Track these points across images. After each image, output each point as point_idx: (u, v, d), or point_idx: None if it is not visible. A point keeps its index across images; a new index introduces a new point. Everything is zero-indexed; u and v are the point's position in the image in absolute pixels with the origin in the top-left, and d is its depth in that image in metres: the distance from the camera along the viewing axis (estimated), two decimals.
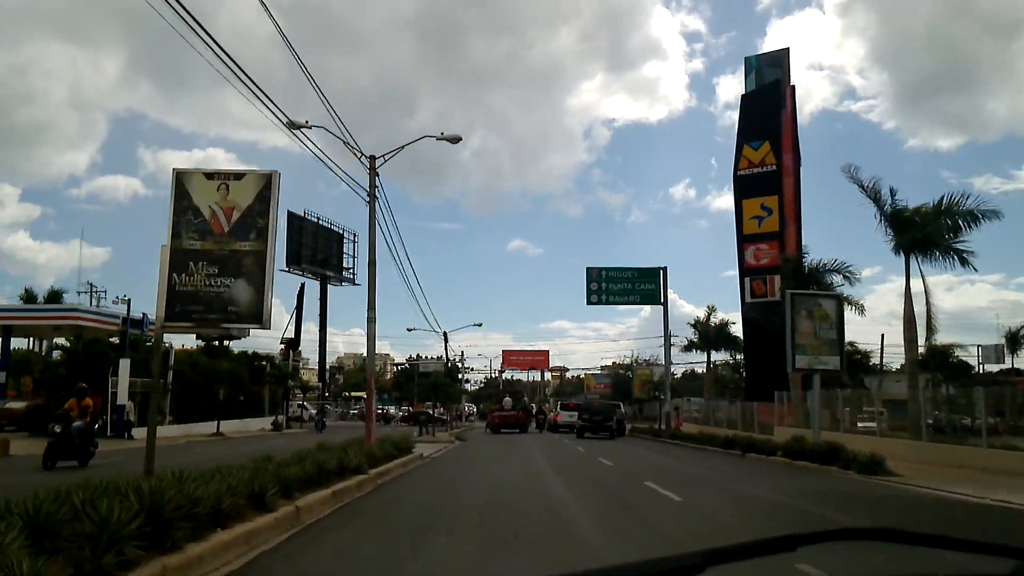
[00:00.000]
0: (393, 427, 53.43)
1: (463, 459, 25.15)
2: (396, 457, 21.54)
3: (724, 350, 51.22)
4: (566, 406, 48.92)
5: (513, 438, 40.19)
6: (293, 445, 17.39)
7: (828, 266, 33.59)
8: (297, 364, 61.26)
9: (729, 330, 50.32)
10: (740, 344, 50.35)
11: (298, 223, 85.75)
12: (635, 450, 30.48)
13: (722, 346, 50.52)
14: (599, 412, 41.09)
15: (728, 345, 50.72)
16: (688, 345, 54.37)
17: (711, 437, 33.78)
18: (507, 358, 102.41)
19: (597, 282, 41.67)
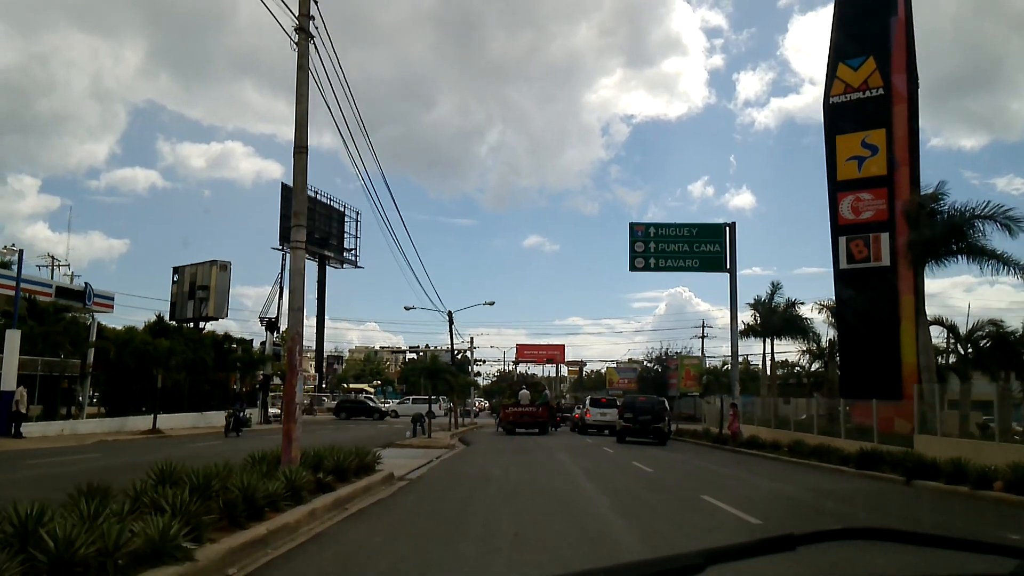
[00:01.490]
0: (389, 425, 43.28)
1: (459, 483, 15.02)
2: (334, 487, 11.46)
3: (789, 337, 40.64)
4: (597, 402, 38.73)
5: (531, 442, 30.11)
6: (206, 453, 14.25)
7: (978, 211, 23.05)
8: (279, 349, 51.18)
9: (797, 311, 39.81)
10: (808, 330, 39.86)
11: (292, 196, 75.87)
12: (723, 469, 19.99)
13: (787, 332, 39.97)
14: (646, 411, 31.09)
15: (794, 331, 40.18)
16: (744, 331, 43.77)
17: (796, 446, 23.79)
18: (521, 352, 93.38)
19: (644, 242, 31.44)
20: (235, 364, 40.43)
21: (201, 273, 54.28)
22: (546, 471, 16.97)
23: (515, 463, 19.12)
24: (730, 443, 29.62)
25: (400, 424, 41.37)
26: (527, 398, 37.35)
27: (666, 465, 19.85)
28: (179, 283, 55.55)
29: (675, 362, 74.75)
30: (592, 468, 18.02)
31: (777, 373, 46.28)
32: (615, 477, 16.50)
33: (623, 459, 21.58)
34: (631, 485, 15.01)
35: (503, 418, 37.88)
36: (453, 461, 20.67)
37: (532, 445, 28.09)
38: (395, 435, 33.11)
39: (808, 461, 21.88)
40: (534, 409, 36.90)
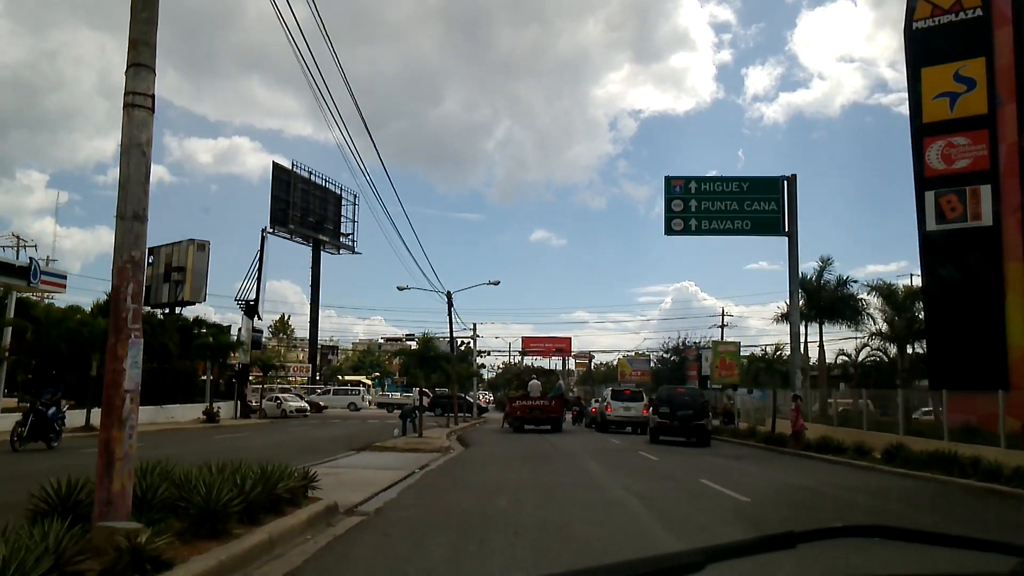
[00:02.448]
0: (381, 421, 37.27)
1: (440, 528, 8.62)
2: (173, 562, 5.12)
3: (840, 321, 34.43)
4: (620, 394, 32.54)
5: (545, 443, 24.15)
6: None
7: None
8: (259, 337, 45.21)
9: (850, 290, 33.65)
10: (861, 312, 33.67)
11: (285, 177, 69.67)
12: (847, 491, 13.72)
13: (838, 316, 33.79)
14: (686, 405, 25.15)
15: (845, 314, 33.99)
16: (783, 315, 37.59)
17: (896, 451, 17.79)
18: (527, 344, 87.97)
19: (683, 199, 25.29)
20: (203, 351, 34.43)
21: (177, 254, 48.26)
22: (582, 501, 10.73)
23: (530, 483, 12.97)
24: (790, 444, 23.50)
25: (392, 420, 35.15)
26: (538, 389, 31.27)
27: (759, 485, 13.60)
28: (154, 265, 49.46)
29: (694, 352, 68.55)
30: (651, 494, 11.69)
31: (812, 364, 40.06)
32: (703, 517, 10.20)
33: (684, 474, 15.17)
34: (717, 518, 8.94)
35: (509, 413, 31.82)
36: (441, 476, 14.56)
37: (548, 448, 22.00)
38: (380, 434, 27.11)
39: (929, 474, 15.75)
40: (546, 402, 30.82)
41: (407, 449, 20.47)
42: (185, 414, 35.24)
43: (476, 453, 20.58)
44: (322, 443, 22.61)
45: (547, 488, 12.20)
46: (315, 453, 18.77)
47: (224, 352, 34.96)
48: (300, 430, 30.07)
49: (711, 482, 13.14)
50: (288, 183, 68.39)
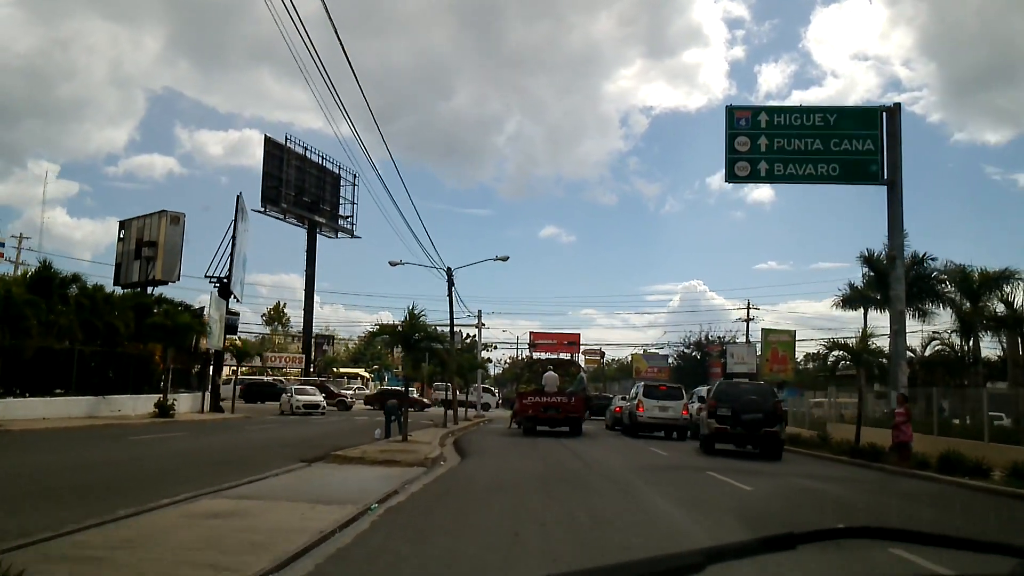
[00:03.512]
0: (370, 419, 31.13)
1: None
2: None
3: (918, 306, 28.00)
4: (654, 391, 26.18)
5: (567, 452, 18.28)
6: None
7: None
8: (234, 320, 39.09)
9: (929, 269, 27.23)
10: (943, 296, 27.29)
11: (277, 152, 63.36)
12: None
13: (918, 301, 27.37)
14: (754, 406, 19.05)
15: (923, 297, 27.59)
16: (847, 298, 31.43)
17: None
18: (536, 339, 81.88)
19: (750, 136, 19.11)
20: (155, 332, 28.36)
21: (149, 227, 42.10)
22: None
23: (572, 547, 6.68)
24: (891, 460, 17.25)
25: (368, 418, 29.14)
26: (554, 383, 25.04)
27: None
28: (124, 240, 43.41)
29: (717, 347, 62.26)
30: None
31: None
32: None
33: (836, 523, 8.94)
34: None
35: (519, 411, 25.59)
36: (411, 524, 8.32)
37: (575, 463, 15.68)
38: (355, 436, 21.00)
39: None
40: (564, 399, 24.58)
41: (378, 461, 14.29)
42: (136, 406, 29.14)
43: (475, 470, 14.36)
44: (267, 450, 16.52)
45: None
46: (243, 467, 12.75)
47: (182, 335, 28.91)
48: (259, 430, 24.01)
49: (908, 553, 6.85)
50: (281, 159, 62.28)
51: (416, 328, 18.94)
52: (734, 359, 57.80)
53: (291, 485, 10.97)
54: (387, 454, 15.40)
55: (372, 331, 19.43)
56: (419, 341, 19.11)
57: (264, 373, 64.99)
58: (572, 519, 8.48)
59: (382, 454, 15.40)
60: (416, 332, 19.02)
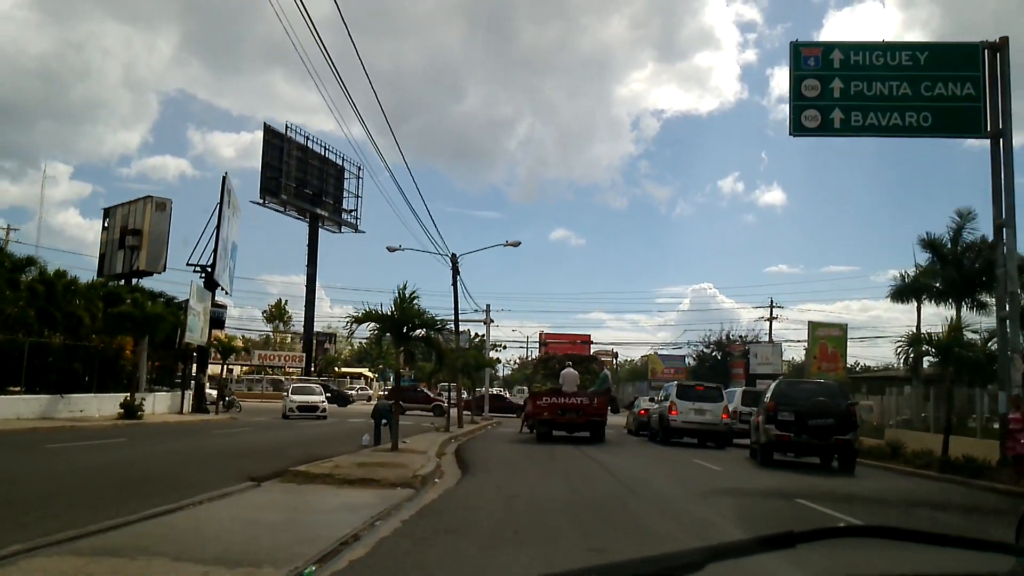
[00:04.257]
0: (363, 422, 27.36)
1: None
2: None
3: (986, 295, 24.15)
4: (689, 391, 22.30)
5: (596, 467, 14.79)
6: None
7: None
8: (220, 313, 35.58)
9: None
10: None
11: (277, 142, 59.96)
12: None
13: (988, 289, 23.53)
14: (823, 410, 15.50)
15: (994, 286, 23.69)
16: (900, 290, 27.61)
17: None
18: (546, 339, 78.29)
19: (821, 79, 15.38)
20: (122, 323, 24.83)
21: (134, 214, 38.71)
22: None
23: None
24: (1005, 478, 13.50)
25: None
26: (574, 381, 21.33)
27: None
28: (109, 229, 40.02)
29: (740, 347, 58.37)
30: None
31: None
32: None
33: None
34: None
35: (533, 413, 21.88)
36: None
37: (606, 481, 11.89)
38: (338, 442, 17.40)
39: None
40: (585, 400, 20.84)
41: (351, 480, 10.63)
42: (101, 407, 25.63)
43: (478, 494, 10.59)
44: (214, 463, 12.91)
45: None
46: (164, 488, 9.35)
47: (153, 326, 25.37)
48: (228, 435, 20.41)
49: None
50: (281, 149, 58.86)
51: (408, 315, 15.28)
52: (757, 359, 53.95)
53: (200, 526, 7.30)
54: (365, 469, 11.73)
55: (355, 317, 15.58)
56: (413, 330, 15.49)
57: (263, 372, 61.55)
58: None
59: (359, 469, 11.74)
60: (409, 319, 15.36)
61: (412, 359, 16.22)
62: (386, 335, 15.96)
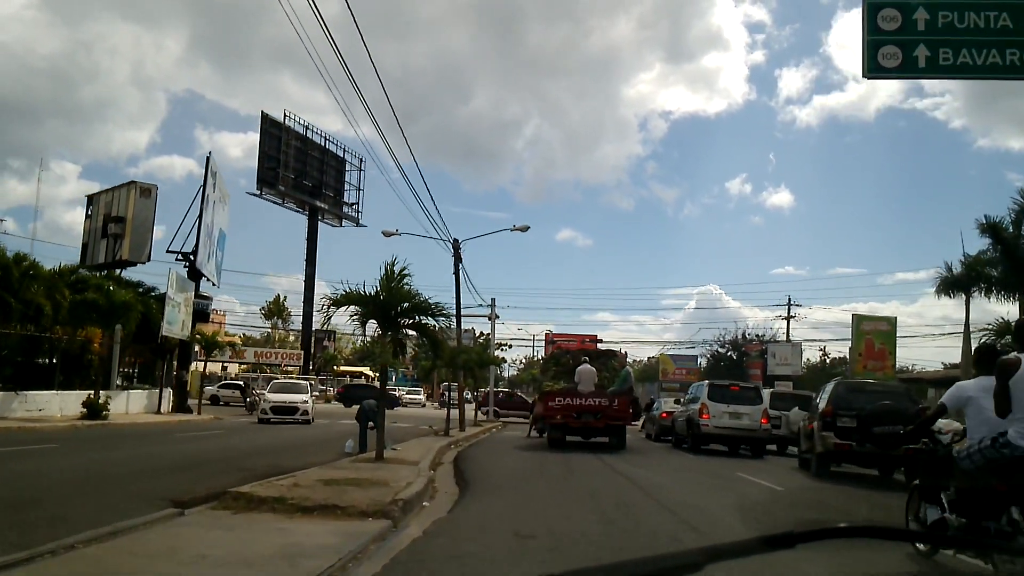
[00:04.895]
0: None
1: None
2: None
3: None
4: (723, 392, 19.23)
5: (626, 484, 12.10)
6: None
7: None
8: (205, 305, 32.88)
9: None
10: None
11: (275, 131, 57.29)
12: None
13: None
14: (889, 415, 12.44)
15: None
16: (948, 281, 24.80)
17: None
18: (553, 338, 75.33)
19: (902, 9, 12.49)
20: (86, 312, 22.12)
21: (117, 201, 36.13)
22: None
23: None
24: None
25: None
26: (591, 379, 18.46)
27: None
28: (92, 217, 37.46)
29: (757, 346, 55.44)
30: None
31: None
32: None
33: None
34: None
35: (544, 414, 19.01)
36: None
37: (646, 507, 8.90)
38: (320, 447, 14.67)
39: None
40: (604, 401, 17.96)
41: (307, 506, 7.81)
42: (64, 405, 22.92)
43: (478, 531, 7.67)
44: (140, 479, 10.10)
45: None
46: (57, 515, 6.51)
47: (120, 316, 22.66)
48: (187, 439, 17.63)
49: None
50: (279, 138, 56.20)
51: (397, 296, 12.48)
52: (776, 359, 51.04)
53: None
54: (332, 489, 8.93)
55: (332, 299, 12.77)
56: (403, 315, 12.71)
57: (260, 370, 58.85)
58: None
59: (324, 489, 8.94)
60: (397, 302, 12.57)
61: (402, 350, 13.31)
62: (370, 322, 13.13)
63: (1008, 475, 5.44)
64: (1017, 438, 5.38)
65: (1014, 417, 5.42)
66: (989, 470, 5.63)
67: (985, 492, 5.63)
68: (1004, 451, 5.48)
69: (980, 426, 5.90)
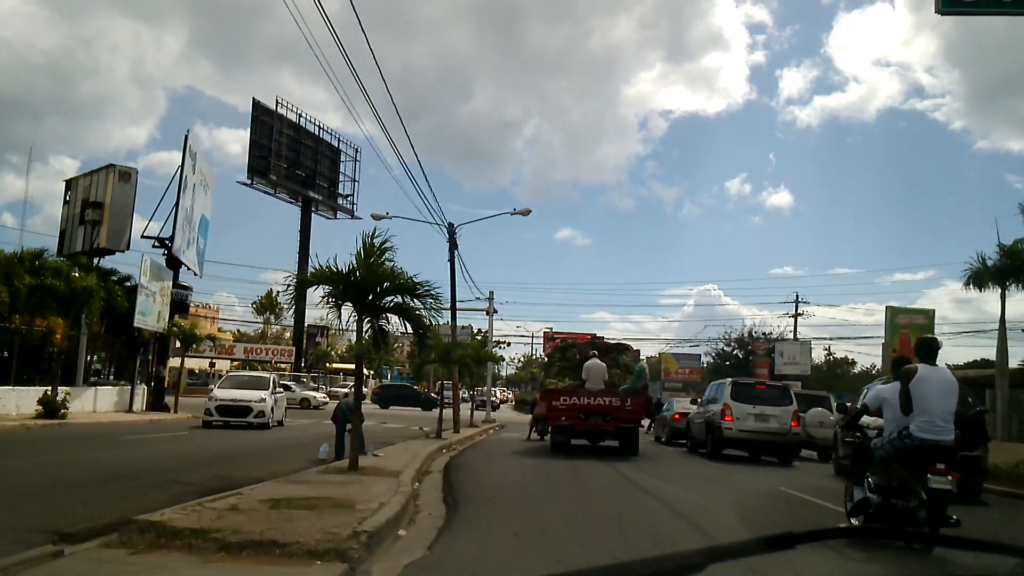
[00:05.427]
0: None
1: None
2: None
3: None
4: (749, 391, 17.16)
5: (644, 496, 9.93)
6: None
7: None
8: (183, 295, 30.69)
9: None
10: None
11: (267, 119, 55.10)
12: None
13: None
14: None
15: None
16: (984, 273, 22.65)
17: None
18: (553, 336, 73.36)
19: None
20: (43, 299, 19.96)
21: (95, 186, 33.88)
22: None
23: None
24: None
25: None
26: (601, 375, 16.31)
27: None
28: (70, 203, 35.20)
29: (764, 345, 53.40)
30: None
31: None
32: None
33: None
34: None
35: (548, 416, 16.86)
36: None
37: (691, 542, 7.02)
38: (288, 454, 12.56)
39: None
40: (615, 401, 15.83)
41: (235, 543, 5.65)
42: (21, 402, 20.74)
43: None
44: (51, 496, 7.97)
45: None
46: None
47: (82, 304, 20.51)
48: (140, 441, 15.47)
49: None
50: (271, 127, 53.99)
51: (376, 275, 10.36)
52: (784, 358, 48.99)
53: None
54: (278, 514, 6.78)
55: (298, 277, 10.66)
56: (382, 295, 10.59)
57: (251, 367, 56.67)
58: None
59: (269, 514, 6.79)
60: (377, 281, 10.45)
61: (384, 339, 11.15)
62: (345, 305, 10.99)
63: (910, 461, 6.54)
64: (917, 431, 6.51)
65: (915, 414, 6.56)
66: (897, 457, 6.70)
67: (894, 475, 6.69)
68: (907, 441, 6.58)
69: (891, 422, 6.95)
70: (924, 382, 6.63)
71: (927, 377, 6.67)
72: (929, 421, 6.53)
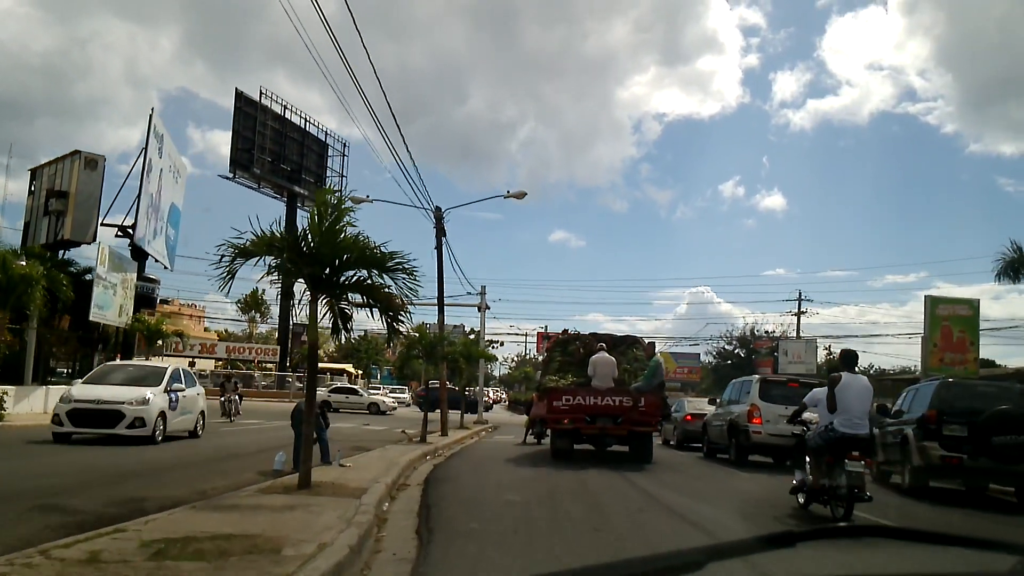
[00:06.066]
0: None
1: None
2: None
3: None
4: (778, 390, 15.03)
5: (678, 522, 8.48)
6: None
7: None
8: (150, 289, 28.32)
9: None
10: None
11: (250, 110, 52.61)
12: None
13: None
14: (1011, 422, 9.93)
15: None
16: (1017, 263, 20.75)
17: None
18: (548, 335, 71.08)
19: None
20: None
21: (60, 174, 31.48)
22: None
23: None
24: None
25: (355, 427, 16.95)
26: (610, 371, 14.03)
27: None
28: (35, 193, 32.78)
29: (767, 343, 51.30)
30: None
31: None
32: None
33: None
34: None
35: (549, 418, 14.51)
36: None
37: None
38: (240, 463, 10.20)
39: None
40: (627, 401, 13.55)
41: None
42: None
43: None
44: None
45: None
46: None
47: (21, 293, 18.09)
48: (54, 451, 13.02)
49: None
50: (255, 118, 51.52)
51: (336, 245, 8.04)
52: (788, 357, 46.88)
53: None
54: (156, 567, 4.49)
55: (234, 247, 8.28)
56: (341, 269, 8.26)
57: (234, 366, 54.24)
58: None
59: (143, 567, 4.50)
60: (337, 253, 8.14)
61: (345, 323, 8.82)
62: (297, 282, 8.69)
63: (834, 450, 7.99)
64: (839, 426, 7.96)
65: (838, 413, 8.00)
66: (825, 447, 8.16)
67: (823, 461, 8.17)
68: (831, 434, 8.04)
69: (823, 419, 8.50)
70: (846, 388, 8.01)
71: (848, 384, 8.04)
72: (848, 418, 7.91)
